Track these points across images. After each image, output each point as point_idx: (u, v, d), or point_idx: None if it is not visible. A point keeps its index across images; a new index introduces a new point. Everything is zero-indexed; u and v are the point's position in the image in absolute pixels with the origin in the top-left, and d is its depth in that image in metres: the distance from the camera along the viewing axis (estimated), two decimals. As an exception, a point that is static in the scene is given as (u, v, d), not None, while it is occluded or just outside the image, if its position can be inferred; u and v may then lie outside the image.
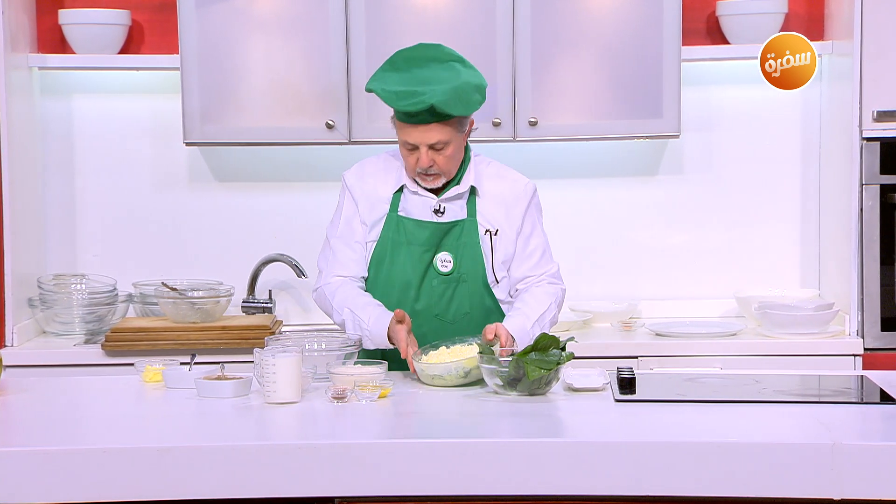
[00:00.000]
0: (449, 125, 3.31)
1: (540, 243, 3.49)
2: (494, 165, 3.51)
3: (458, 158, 3.39)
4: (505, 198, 3.45)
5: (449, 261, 3.40)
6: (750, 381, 3.17)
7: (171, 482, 2.58)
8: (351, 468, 2.59)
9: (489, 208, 3.43)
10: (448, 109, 3.26)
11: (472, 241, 3.41)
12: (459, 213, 3.42)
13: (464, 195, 3.43)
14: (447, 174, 3.38)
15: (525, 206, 3.46)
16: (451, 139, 3.32)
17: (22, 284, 4.30)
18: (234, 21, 4.29)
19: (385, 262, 3.42)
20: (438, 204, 3.41)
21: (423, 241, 3.40)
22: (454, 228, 3.41)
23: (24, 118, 4.35)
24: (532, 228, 3.48)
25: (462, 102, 3.29)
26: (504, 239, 3.43)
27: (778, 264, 4.65)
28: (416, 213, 3.42)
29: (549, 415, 2.90)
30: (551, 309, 3.42)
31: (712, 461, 2.57)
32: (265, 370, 2.94)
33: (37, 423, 2.90)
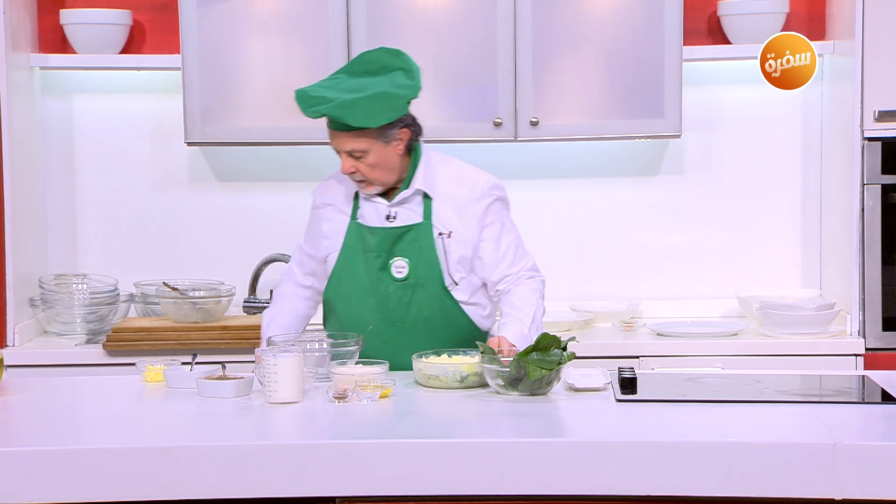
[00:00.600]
0: (364, 135, 3.30)
1: (511, 241, 3.46)
2: (455, 166, 3.49)
3: (387, 167, 3.36)
4: (461, 199, 3.42)
5: (404, 266, 3.39)
6: (751, 381, 3.17)
7: (172, 482, 2.58)
8: (352, 468, 2.59)
9: (444, 210, 3.41)
10: (342, 119, 3.26)
11: (426, 244, 3.39)
12: (414, 217, 3.41)
13: (415, 199, 3.41)
14: (378, 182, 3.37)
15: (485, 206, 3.43)
16: (368, 148, 3.31)
17: (23, 284, 4.30)
18: (235, 21, 4.29)
19: (345, 270, 3.44)
20: (389, 210, 3.41)
21: (374, 248, 3.40)
22: (408, 233, 3.40)
23: (25, 118, 4.35)
24: (500, 227, 3.45)
25: (360, 114, 3.26)
26: (459, 241, 3.40)
27: (779, 264, 4.65)
28: (370, 220, 3.43)
29: (550, 415, 2.90)
30: (539, 305, 3.42)
31: (713, 461, 2.57)
32: (266, 370, 2.94)
33: (38, 423, 2.90)
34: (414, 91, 3.34)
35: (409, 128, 3.37)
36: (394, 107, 3.30)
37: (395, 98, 3.30)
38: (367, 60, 3.37)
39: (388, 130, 3.32)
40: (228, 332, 4.21)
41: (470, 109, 4.32)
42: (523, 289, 3.42)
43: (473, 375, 3.10)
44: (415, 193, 3.41)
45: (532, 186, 4.66)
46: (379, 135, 3.31)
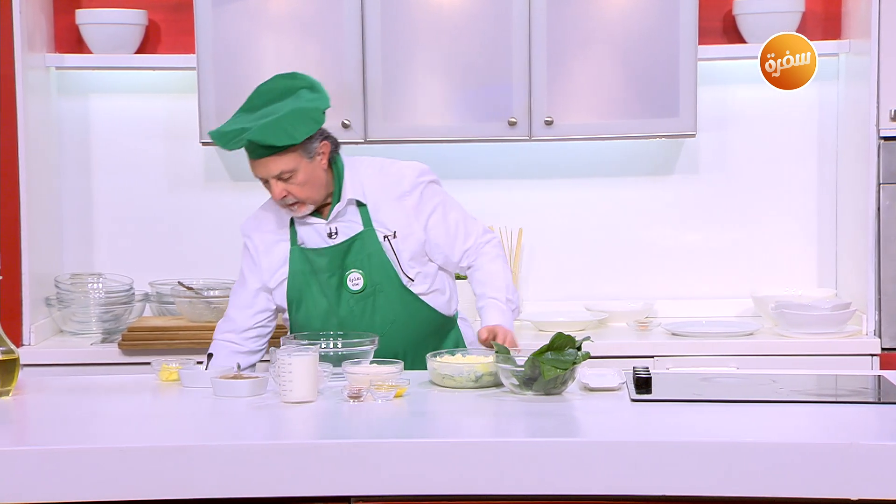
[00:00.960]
0: (288, 154, 3.30)
1: (456, 216, 3.50)
2: (376, 165, 3.49)
3: (316, 183, 3.37)
4: (394, 195, 3.43)
5: (359, 278, 3.41)
6: (766, 381, 3.16)
7: (187, 481, 2.59)
8: (367, 468, 2.59)
9: (382, 212, 3.42)
10: (268, 142, 3.26)
11: (375, 250, 3.40)
12: (355, 228, 3.42)
13: (350, 209, 3.42)
14: (311, 200, 3.38)
15: (418, 195, 3.45)
16: (296, 167, 3.31)
17: (39, 284, 4.31)
18: (250, 21, 4.30)
19: (302, 296, 3.44)
20: (328, 227, 3.42)
21: (325, 267, 3.41)
22: (354, 244, 3.41)
23: (41, 118, 4.36)
24: (442, 209, 3.48)
25: (282, 132, 3.26)
26: (404, 237, 3.42)
27: (795, 264, 4.64)
28: (312, 242, 3.43)
29: (564, 414, 2.89)
30: (504, 269, 3.49)
31: (729, 461, 2.56)
32: (281, 369, 2.95)
33: (53, 422, 2.91)
34: (325, 102, 3.36)
35: (328, 140, 3.38)
36: (313, 118, 3.31)
37: (310, 111, 3.31)
38: (265, 91, 3.37)
39: (311, 145, 3.33)
40: (243, 331, 4.21)
41: (484, 109, 4.32)
42: (484, 260, 3.50)
43: (488, 375, 3.10)
44: (348, 204, 3.41)
45: (547, 186, 4.65)
46: (303, 151, 3.32)
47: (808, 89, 4.52)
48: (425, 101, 4.33)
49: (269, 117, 3.28)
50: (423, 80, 4.32)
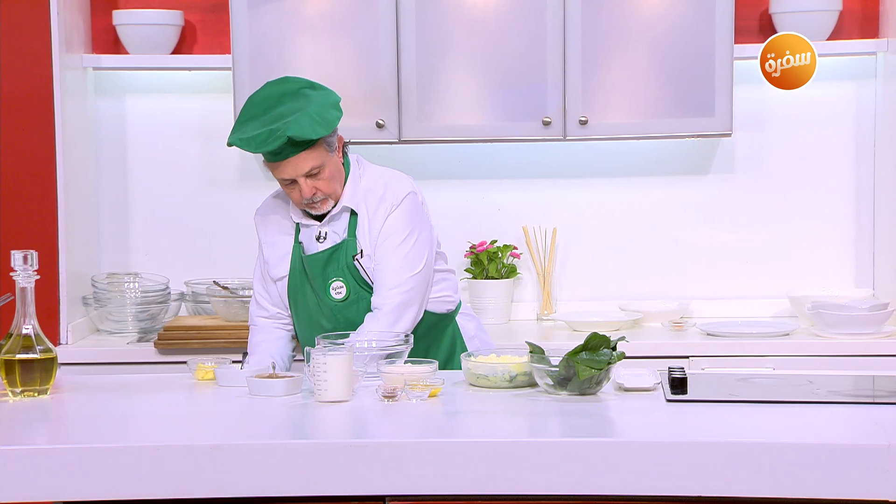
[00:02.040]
0: (316, 149, 3.30)
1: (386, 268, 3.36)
2: (373, 177, 3.43)
3: (339, 176, 3.38)
4: (371, 212, 3.40)
5: (342, 287, 3.40)
6: (803, 382, 3.14)
7: (222, 480, 2.60)
8: (402, 467, 2.59)
9: (366, 224, 3.40)
10: (307, 135, 3.25)
11: (351, 263, 3.40)
12: (341, 236, 3.42)
13: (342, 215, 3.41)
14: (334, 195, 3.38)
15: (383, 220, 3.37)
16: (324, 162, 3.32)
17: (76, 283, 4.34)
18: (285, 21, 4.31)
19: (296, 295, 3.46)
20: (318, 231, 3.42)
21: (312, 273, 3.42)
22: (336, 253, 3.40)
23: (78, 118, 4.39)
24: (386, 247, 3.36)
25: (319, 124, 3.27)
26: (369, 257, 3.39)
27: (832, 264, 4.61)
28: (307, 243, 3.44)
29: (599, 414, 2.88)
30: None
31: (765, 462, 2.55)
32: (316, 369, 2.95)
33: (90, 421, 2.93)
34: (335, 93, 3.36)
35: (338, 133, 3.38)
36: (336, 108, 3.33)
37: (333, 102, 3.33)
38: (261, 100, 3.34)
39: (331, 138, 3.35)
40: (278, 330, 4.23)
41: (518, 109, 4.32)
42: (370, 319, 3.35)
43: (522, 375, 3.09)
44: (343, 210, 3.41)
45: (581, 186, 4.64)
46: (326, 146, 3.33)
47: (845, 88, 4.51)
48: (459, 100, 4.33)
49: (293, 114, 3.27)
50: (457, 79, 4.32)
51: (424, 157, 4.59)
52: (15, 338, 3.03)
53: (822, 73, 4.47)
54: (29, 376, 3.03)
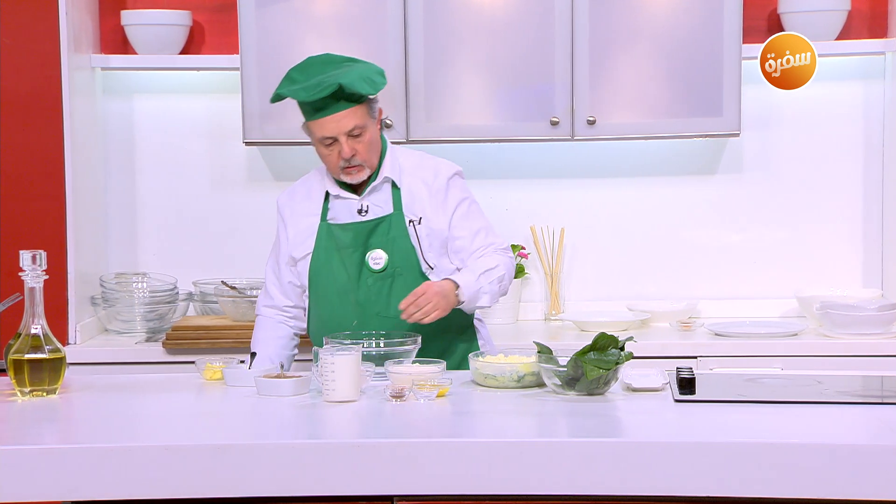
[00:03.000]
0: (360, 109, 3.37)
1: (481, 222, 3.51)
2: (416, 155, 3.55)
3: (376, 147, 3.43)
4: (426, 184, 3.47)
5: (381, 257, 3.43)
6: (811, 382, 3.14)
7: (230, 479, 2.60)
8: (409, 467, 2.59)
9: (412, 198, 3.46)
10: (356, 88, 3.32)
11: (400, 234, 3.43)
12: (385, 209, 3.45)
13: (384, 189, 3.45)
14: (369, 164, 3.42)
15: (449, 188, 3.48)
16: (365, 124, 3.37)
17: (85, 283, 4.35)
18: (293, 21, 4.31)
19: (321, 271, 3.47)
20: (360, 204, 3.45)
21: (349, 243, 3.44)
22: (381, 225, 3.44)
23: (86, 118, 4.40)
24: (469, 205, 3.50)
25: (367, 82, 3.36)
26: (429, 226, 3.45)
27: (840, 264, 4.60)
28: (342, 217, 3.47)
29: (607, 415, 2.88)
30: (500, 268, 3.42)
31: (773, 462, 2.55)
32: (324, 369, 2.95)
33: (98, 421, 2.93)
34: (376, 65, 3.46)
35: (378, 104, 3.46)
36: (380, 73, 3.42)
37: (375, 69, 3.42)
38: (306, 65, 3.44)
39: (374, 105, 3.42)
40: (286, 330, 4.23)
41: (526, 108, 4.32)
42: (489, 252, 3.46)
43: (530, 375, 3.09)
44: (384, 183, 3.45)
45: (589, 186, 4.64)
46: (370, 109, 3.41)
47: (853, 87, 4.50)
48: (467, 100, 4.33)
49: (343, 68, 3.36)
50: (465, 79, 4.32)
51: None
52: (24, 338, 3.03)
53: (830, 73, 4.47)
54: (38, 376, 3.04)
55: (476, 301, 3.36)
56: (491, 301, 3.41)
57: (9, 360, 3.05)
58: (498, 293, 3.43)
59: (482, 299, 3.38)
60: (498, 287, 3.42)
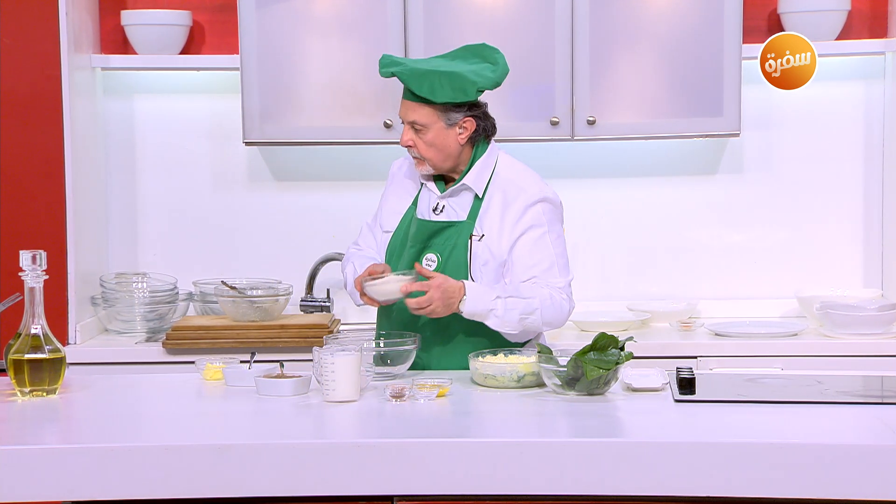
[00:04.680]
0: (427, 108, 3.34)
1: (547, 256, 3.33)
2: (514, 170, 3.43)
3: (443, 151, 3.37)
4: (505, 202, 3.37)
5: (434, 261, 3.39)
6: (812, 382, 3.14)
7: (230, 480, 2.60)
8: (410, 467, 2.59)
9: (489, 213, 3.38)
10: (409, 85, 3.33)
11: (461, 244, 3.37)
12: (460, 215, 3.41)
13: (465, 196, 3.40)
14: (431, 162, 3.39)
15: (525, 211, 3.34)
16: (429, 123, 3.35)
17: (85, 283, 4.35)
18: (293, 21, 4.31)
19: (389, 254, 3.46)
20: (437, 202, 3.44)
21: (413, 237, 3.42)
22: (447, 230, 3.39)
23: (86, 118, 4.40)
24: (538, 239, 3.34)
25: (427, 85, 3.32)
26: (489, 244, 3.35)
27: (840, 264, 4.60)
28: (422, 209, 3.46)
29: (607, 415, 2.88)
30: (532, 302, 3.25)
31: (773, 462, 2.55)
32: (324, 369, 2.96)
33: (99, 421, 2.93)
34: (487, 82, 3.37)
35: (476, 119, 3.38)
36: (459, 87, 3.33)
37: (463, 80, 3.33)
38: (465, 49, 3.47)
39: (453, 113, 3.36)
40: (286, 330, 4.23)
41: (526, 108, 4.32)
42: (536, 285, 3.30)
43: (530, 375, 3.09)
44: (465, 190, 3.41)
45: (589, 186, 4.64)
46: (442, 114, 3.35)
47: (854, 87, 4.50)
48: (468, 100, 4.32)
49: (429, 67, 3.36)
50: (465, 79, 4.31)
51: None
52: (24, 337, 3.04)
53: (830, 73, 4.47)
54: (38, 376, 3.04)
55: (482, 318, 3.25)
56: (501, 327, 3.25)
57: (9, 360, 3.05)
58: (516, 324, 3.25)
59: (490, 320, 3.25)
60: (517, 317, 3.24)
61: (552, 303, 3.30)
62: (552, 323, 3.32)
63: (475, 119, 3.38)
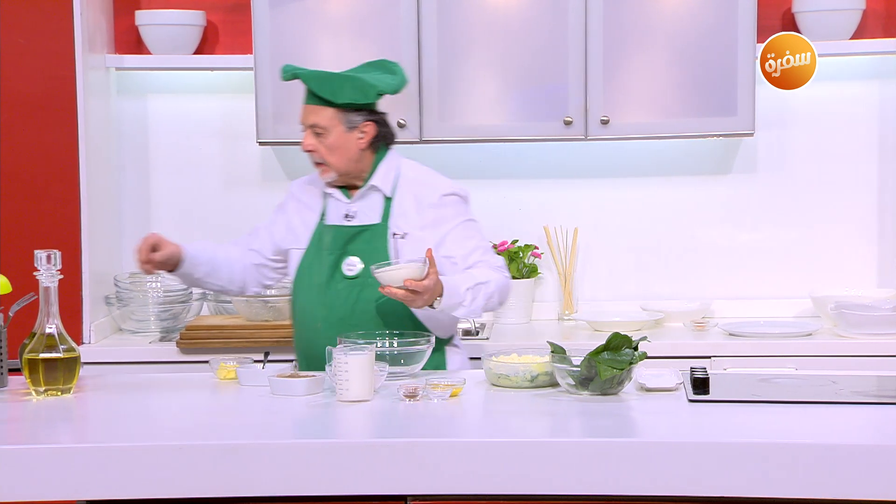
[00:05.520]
0: (330, 111, 3.43)
1: (479, 240, 3.46)
2: (420, 171, 3.54)
3: (344, 155, 3.44)
4: (418, 200, 3.45)
5: (355, 265, 3.44)
6: (826, 382, 3.13)
7: (243, 479, 2.60)
8: (423, 467, 2.59)
9: (401, 212, 3.45)
10: (310, 85, 3.43)
11: (380, 245, 3.43)
12: (372, 218, 3.46)
13: (374, 198, 3.46)
14: (334, 167, 3.45)
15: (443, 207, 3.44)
16: (329, 126, 3.42)
17: (99, 283, 4.36)
18: (306, 21, 4.32)
19: (304, 268, 3.50)
20: (348, 208, 3.48)
21: (328, 245, 3.47)
22: (364, 233, 3.45)
23: (100, 118, 4.41)
24: (459, 233, 3.44)
25: (326, 86, 3.42)
26: (412, 242, 3.41)
27: (855, 263, 4.59)
28: (332, 219, 3.50)
29: (621, 415, 2.88)
30: (491, 285, 3.34)
31: (787, 462, 2.54)
32: (338, 368, 2.96)
33: (112, 420, 2.94)
34: (388, 86, 3.50)
35: (376, 123, 3.46)
36: (360, 89, 3.43)
37: (363, 83, 3.45)
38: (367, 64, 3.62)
39: (353, 116, 3.44)
40: (300, 330, 4.23)
41: (540, 108, 4.31)
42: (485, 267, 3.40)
43: (544, 375, 3.09)
44: (374, 192, 3.47)
45: (602, 185, 4.64)
46: (343, 118, 3.43)
47: (868, 87, 4.49)
48: (481, 100, 4.33)
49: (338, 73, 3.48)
50: (478, 79, 4.32)
51: (445, 156, 4.59)
52: (38, 337, 3.04)
53: (845, 73, 4.46)
54: (52, 375, 3.05)
55: (452, 310, 3.31)
56: (467, 315, 3.36)
57: (24, 359, 3.06)
58: (480, 311, 3.36)
59: (459, 311, 3.32)
60: (482, 304, 3.34)
61: (505, 283, 3.43)
62: (503, 302, 3.47)
63: (375, 124, 3.46)
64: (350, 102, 3.42)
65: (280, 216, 3.63)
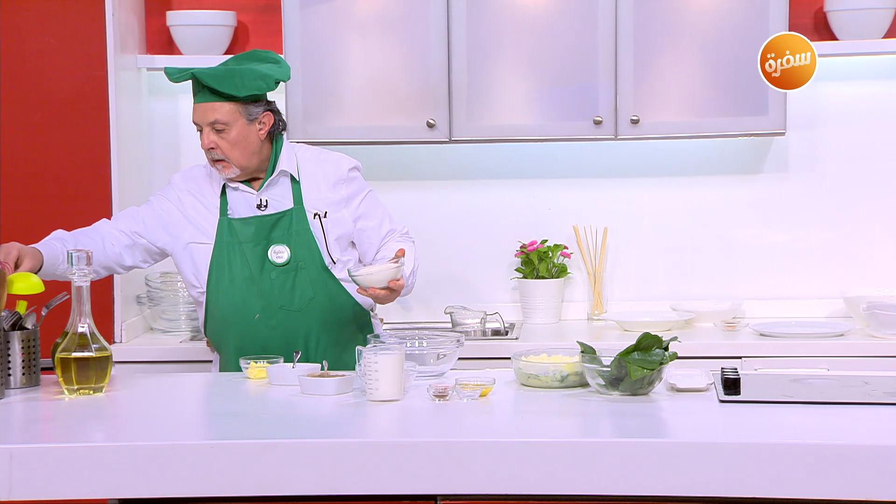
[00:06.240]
0: (229, 106, 3.43)
1: (384, 210, 3.61)
2: (314, 150, 3.62)
3: (247, 148, 3.47)
4: (328, 178, 3.53)
5: (283, 252, 3.48)
6: (858, 383, 3.11)
7: (273, 478, 2.61)
8: (453, 466, 2.59)
9: (314, 192, 3.51)
10: (210, 82, 3.41)
11: (302, 228, 3.48)
12: (285, 203, 3.50)
13: (283, 183, 3.51)
14: (236, 163, 3.46)
15: (351, 183, 3.56)
16: (231, 121, 3.43)
17: (130, 282, 4.38)
18: (336, 21, 4.33)
19: (224, 265, 3.49)
20: (259, 198, 3.49)
21: (251, 238, 3.48)
22: (282, 219, 3.49)
23: (132, 118, 4.43)
24: (369, 203, 3.58)
25: (226, 82, 3.42)
26: (335, 219, 3.51)
27: (887, 264, 4.56)
28: (241, 211, 3.51)
29: (651, 415, 2.87)
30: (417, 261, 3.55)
31: (820, 463, 2.53)
32: (367, 368, 2.96)
33: (144, 419, 2.95)
34: (282, 73, 3.51)
35: (272, 112, 3.51)
36: (260, 80, 3.45)
37: (261, 73, 3.46)
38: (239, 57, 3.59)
39: (252, 108, 3.47)
40: (329, 329, 4.24)
41: (569, 108, 4.31)
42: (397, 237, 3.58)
43: (574, 375, 3.08)
44: (283, 177, 3.51)
45: (633, 185, 4.62)
46: (243, 110, 3.45)
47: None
48: (510, 100, 4.33)
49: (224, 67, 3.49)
50: (508, 79, 4.31)
51: (475, 156, 4.60)
52: (71, 336, 3.06)
53: (877, 72, 4.43)
54: (84, 374, 3.06)
55: None
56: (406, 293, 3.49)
57: (56, 358, 3.07)
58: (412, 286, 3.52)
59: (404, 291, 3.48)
60: (414, 279, 3.52)
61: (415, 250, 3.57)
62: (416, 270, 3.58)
63: (272, 113, 3.51)
64: (251, 94, 3.44)
65: (167, 206, 3.55)
